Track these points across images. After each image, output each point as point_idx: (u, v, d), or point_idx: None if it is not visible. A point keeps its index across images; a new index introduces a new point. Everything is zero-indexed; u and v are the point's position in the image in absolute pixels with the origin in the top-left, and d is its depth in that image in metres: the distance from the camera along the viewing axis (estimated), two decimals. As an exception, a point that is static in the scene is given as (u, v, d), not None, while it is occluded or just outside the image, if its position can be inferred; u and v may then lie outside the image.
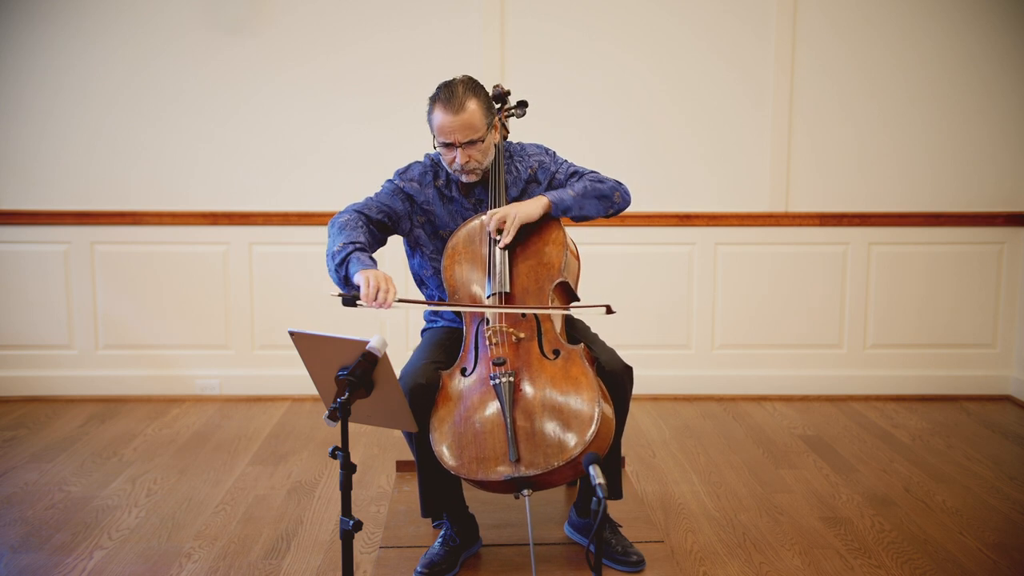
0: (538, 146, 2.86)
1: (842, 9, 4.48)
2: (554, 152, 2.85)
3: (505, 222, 2.59)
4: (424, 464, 2.56)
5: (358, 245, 2.53)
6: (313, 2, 4.44)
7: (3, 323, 4.58)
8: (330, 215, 4.49)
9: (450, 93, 2.57)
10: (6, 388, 4.60)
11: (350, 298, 2.43)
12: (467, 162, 2.60)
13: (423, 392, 2.48)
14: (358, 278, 2.42)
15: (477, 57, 4.45)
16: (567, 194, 2.67)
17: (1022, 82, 4.53)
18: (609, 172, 4.43)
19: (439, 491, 2.60)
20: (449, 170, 2.67)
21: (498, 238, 2.60)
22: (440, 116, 2.57)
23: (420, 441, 2.51)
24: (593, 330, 2.79)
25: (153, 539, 3.02)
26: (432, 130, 2.62)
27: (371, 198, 2.72)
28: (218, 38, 4.44)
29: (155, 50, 4.44)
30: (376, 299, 2.37)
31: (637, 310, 4.60)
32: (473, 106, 2.56)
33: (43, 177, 4.51)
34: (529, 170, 2.78)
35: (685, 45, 4.50)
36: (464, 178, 2.65)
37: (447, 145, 2.59)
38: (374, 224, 2.67)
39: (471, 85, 2.61)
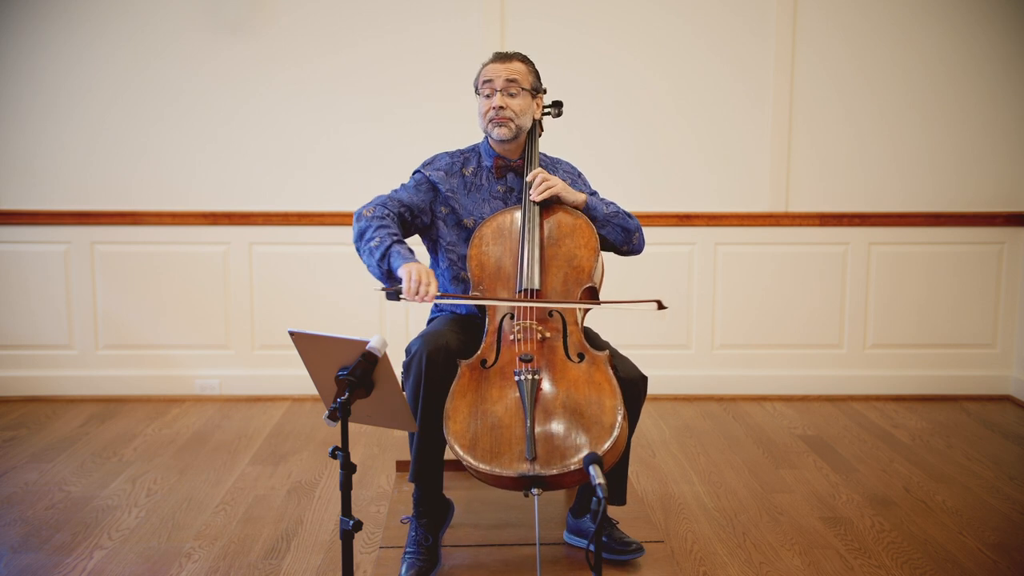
0: (572, 165, 2.94)
1: (842, 9, 4.48)
2: (584, 176, 2.92)
3: (547, 180, 2.65)
4: (424, 428, 2.50)
5: (395, 237, 2.56)
6: (313, 2, 4.44)
7: (3, 323, 4.58)
8: (330, 215, 4.50)
9: (503, 52, 2.75)
10: (6, 388, 4.60)
11: (393, 292, 2.47)
12: (502, 108, 2.66)
13: (445, 354, 2.47)
14: (401, 272, 2.46)
15: (477, 57, 4.44)
16: (601, 207, 2.73)
17: (1022, 82, 4.53)
18: (609, 172, 4.47)
19: (430, 460, 2.55)
20: (483, 124, 2.71)
21: (531, 193, 2.66)
22: (488, 66, 2.73)
23: (424, 408, 2.47)
24: (604, 337, 2.79)
25: (153, 539, 3.02)
26: (477, 87, 2.73)
27: (395, 192, 2.74)
28: (218, 38, 4.44)
29: (155, 50, 4.44)
30: (418, 293, 2.41)
31: (637, 310, 4.59)
32: (521, 64, 2.72)
33: (43, 177, 4.51)
34: None
35: (685, 45, 4.50)
36: (496, 133, 2.69)
37: (488, 84, 2.69)
38: (396, 218, 2.68)
39: (525, 55, 2.77)
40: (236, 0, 4.42)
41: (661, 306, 2.47)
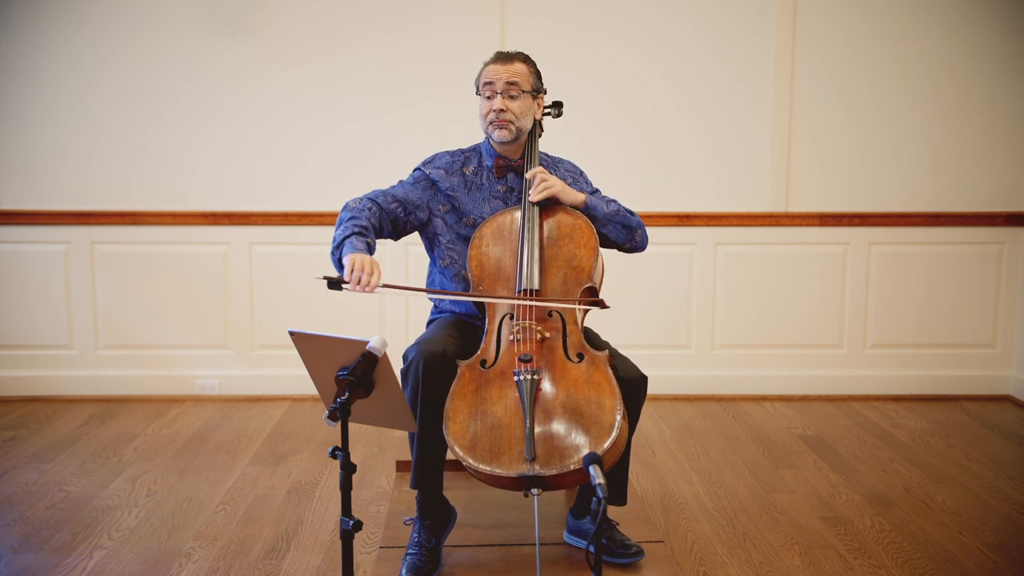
0: (573, 164, 2.94)
1: (842, 9, 4.48)
2: (586, 175, 2.92)
3: (546, 181, 2.64)
4: (424, 434, 2.51)
5: (356, 229, 2.54)
6: (313, 2, 4.44)
7: (3, 323, 4.58)
8: (330, 215, 4.50)
9: (505, 52, 2.75)
10: (6, 388, 4.60)
11: (334, 281, 2.43)
12: (503, 111, 2.66)
13: (442, 361, 2.46)
14: (345, 260, 2.44)
15: (477, 57, 4.44)
16: (601, 207, 2.73)
17: (1022, 82, 4.53)
18: (609, 172, 4.47)
19: (431, 465, 2.56)
20: (484, 125, 2.71)
21: (530, 194, 2.66)
22: (489, 66, 2.72)
23: (424, 415, 2.47)
24: (603, 336, 2.79)
25: (153, 539, 3.02)
26: (478, 88, 2.73)
27: (391, 188, 2.74)
28: (218, 38, 4.44)
29: (155, 50, 4.44)
30: (360, 282, 2.38)
31: (637, 310, 4.60)
32: (523, 65, 2.72)
33: (43, 177, 4.51)
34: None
35: (685, 45, 4.50)
36: (496, 135, 2.69)
37: (489, 85, 2.68)
38: (386, 213, 2.68)
39: (527, 55, 2.76)
40: (236, 0, 4.42)
41: (603, 305, 2.52)
